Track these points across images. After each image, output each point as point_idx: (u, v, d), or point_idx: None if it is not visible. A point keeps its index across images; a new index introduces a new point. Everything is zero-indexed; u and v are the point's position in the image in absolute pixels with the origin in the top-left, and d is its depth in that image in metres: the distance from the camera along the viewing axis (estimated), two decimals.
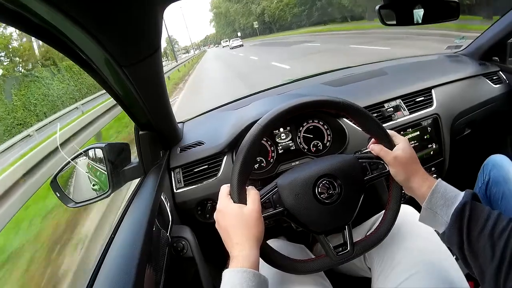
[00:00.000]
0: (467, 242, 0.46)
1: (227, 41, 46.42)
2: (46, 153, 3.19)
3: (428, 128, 1.00)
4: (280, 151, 0.92)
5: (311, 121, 0.92)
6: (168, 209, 0.76)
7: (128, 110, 0.66)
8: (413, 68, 1.25)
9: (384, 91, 1.01)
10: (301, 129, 0.92)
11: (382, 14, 0.78)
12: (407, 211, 0.66)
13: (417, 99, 1.01)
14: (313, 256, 0.59)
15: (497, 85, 1.16)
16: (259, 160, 0.90)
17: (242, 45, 30.77)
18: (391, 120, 0.97)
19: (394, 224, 0.57)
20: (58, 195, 0.66)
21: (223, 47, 47.98)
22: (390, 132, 0.59)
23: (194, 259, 0.73)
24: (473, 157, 1.07)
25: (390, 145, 0.57)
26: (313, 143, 0.93)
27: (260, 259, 0.49)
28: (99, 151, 0.70)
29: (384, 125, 0.61)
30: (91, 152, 0.72)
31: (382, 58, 1.52)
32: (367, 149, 0.61)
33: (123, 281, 0.43)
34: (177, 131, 0.95)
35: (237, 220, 0.49)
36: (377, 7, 0.76)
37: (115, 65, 0.44)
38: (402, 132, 0.97)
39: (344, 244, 0.55)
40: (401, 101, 1.00)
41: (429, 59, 1.36)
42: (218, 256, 0.72)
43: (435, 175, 1.03)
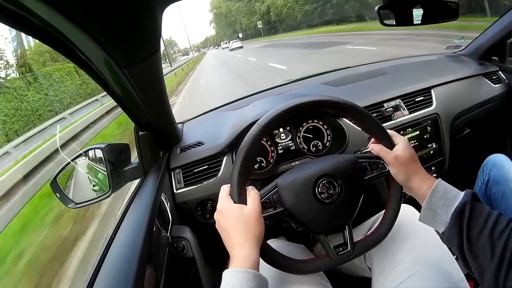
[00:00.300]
0: (467, 242, 0.45)
1: (227, 43, 46.50)
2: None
3: (428, 127, 1.00)
4: (280, 151, 0.92)
5: (311, 121, 0.92)
6: (168, 210, 0.76)
7: (128, 110, 0.66)
8: (413, 68, 1.25)
9: (383, 91, 1.01)
10: (301, 129, 0.92)
11: (381, 15, 0.78)
12: (407, 211, 0.66)
13: (416, 99, 1.01)
14: (313, 256, 0.59)
15: (497, 85, 1.16)
16: (259, 160, 0.90)
17: (242, 47, 30.72)
18: (390, 119, 0.97)
19: (394, 224, 0.57)
20: (58, 195, 0.66)
21: (223, 48, 48.07)
22: (390, 132, 0.59)
23: (194, 259, 0.73)
24: (473, 156, 1.07)
25: (390, 145, 0.57)
26: (313, 143, 0.93)
27: (260, 260, 0.49)
28: (99, 152, 0.70)
29: (383, 124, 0.61)
30: (91, 153, 0.72)
31: None
32: (367, 148, 0.61)
33: (123, 281, 0.43)
34: (177, 131, 0.95)
35: (237, 220, 0.49)
36: (376, 7, 0.77)
37: (115, 65, 0.44)
38: (401, 132, 0.97)
39: (344, 244, 0.55)
40: (400, 101, 1.00)
41: (428, 59, 1.36)
42: (218, 256, 0.72)
43: (435, 174, 1.03)
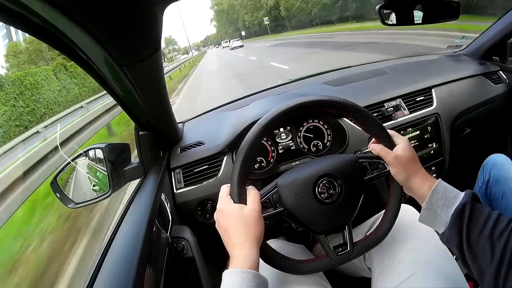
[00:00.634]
0: (466, 242, 0.45)
1: (227, 42, 46.33)
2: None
3: (428, 127, 1.00)
4: (280, 151, 0.92)
5: (311, 120, 0.92)
6: (168, 210, 0.76)
7: (128, 110, 0.66)
8: (413, 68, 1.25)
9: (384, 91, 1.01)
10: (301, 129, 0.92)
11: (382, 14, 0.78)
12: (407, 211, 0.66)
13: (417, 99, 1.01)
14: (313, 257, 0.59)
15: (497, 85, 1.16)
16: (259, 160, 0.90)
17: (242, 46, 30.56)
18: (391, 119, 0.97)
19: (394, 224, 0.57)
20: (58, 195, 0.66)
21: (223, 47, 47.92)
22: (390, 132, 0.59)
23: (194, 259, 0.73)
24: (473, 156, 1.07)
25: (391, 145, 0.57)
26: (313, 142, 0.93)
27: (260, 260, 0.49)
28: (99, 152, 0.70)
29: (384, 124, 0.61)
30: (91, 153, 0.72)
31: None
32: (367, 148, 0.61)
33: (123, 281, 0.43)
34: (177, 131, 0.95)
35: (237, 220, 0.49)
36: (377, 7, 0.77)
37: (115, 65, 0.44)
38: (402, 132, 0.97)
39: (344, 244, 0.55)
40: (401, 100, 1.00)
41: (429, 58, 1.36)
42: (218, 256, 0.72)
43: (435, 174, 1.03)
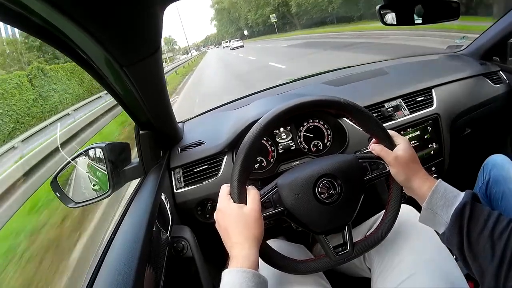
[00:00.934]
0: (467, 242, 0.45)
1: (227, 42, 46.27)
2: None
3: (429, 127, 1.00)
4: (281, 151, 0.92)
5: (311, 120, 0.92)
6: (168, 209, 0.76)
7: (128, 109, 0.66)
8: (414, 68, 1.25)
9: (384, 91, 1.01)
10: (301, 128, 0.92)
11: (382, 14, 0.78)
12: (407, 211, 0.66)
13: (417, 99, 1.01)
14: (312, 257, 0.59)
15: (498, 85, 1.16)
16: (259, 160, 0.90)
17: (243, 46, 30.45)
18: (391, 119, 0.97)
19: (394, 224, 0.57)
20: (58, 195, 0.66)
21: (224, 47, 47.87)
22: (390, 132, 0.59)
23: (194, 259, 0.73)
24: (473, 156, 1.07)
25: (391, 145, 0.57)
26: (313, 142, 0.93)
27: (260, 260, 0.49)
28: (99, 151, 0.70)
29: (384, 124, 0.61)
30: (91, 152, 0.72)
31: None
32: (367, 149, 0.61)
33: (123, 281, 0.43)
34: (178, 130, 0.95)
35: (237, 220, 0.49)
36: (377, 7, 0.76)
37: (116, 64, 0.44)
38: (402, 132, 0.97)
39: (344, 244, 0.55)
40: (401, 100, 1.00)
41: (429, 59, 1.36)
42: (218, 256, 0.71)
43: (435, 174, 1.03)
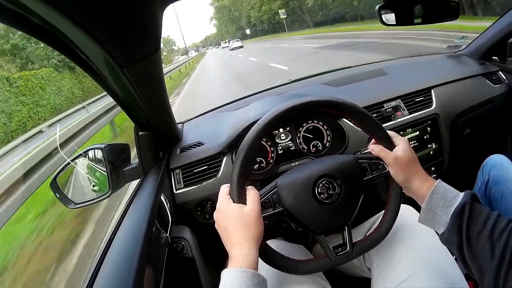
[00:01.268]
0: (466, 243, 0.45)
1: (227, 42, 46.16)
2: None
3: (428, 128, 1.00)
4: (280, 152, 0.92)
5: (310, 121, 0.92)
6: (168, 210, 0.76)
7: (127, 110, 0.66)
8: (413, 68, 1.25)
9: (383, 91, 1.01)
10: (300, 129, 0.92)
11: (381, 14, 0.78)
12: (406, 211, 0.66)
13: (416, 99, 1.01)
14: (312, 257, 0.59)
15: (497, 85, 1.16)
16: (259, 160, 0.90)
17: (242, 46, 30.18)
18: (390, 120, 0.97)
19: (394, 225, 0.57)
20: (58, 196, 0.66)
21: (223, 48, 47.83)
22: (390, 132, 0.59)
23: (193, 259, 0.73)
24: (472, 157, 1.07)
25: (390, 145, 0.57)
26: (312, 143, 0.93)
27: (260, 260, 0.49)
28: (99, 152, 0.70)
29: (383, 125, 0.61)
30: (90, 153, 0.72)
31: None
32: (367, 149, 0.61)
33: (123, 281, 0.43)
34: (177, 131, 0.95)
35: (236, 220, 0.49)
36: (377, 7, 0.77)
37: (115, 65, 0.44)
38: (401, 132, 0.97)
39: (344, 245, 0.55)
40: (400, 101, 1.00)
41: (428, 59, 1.36)
42: (218, 256, 0.71)
43: (434, 175, 1.03)
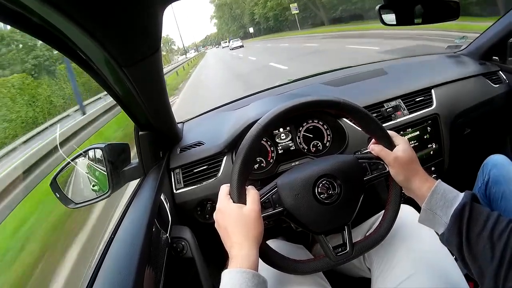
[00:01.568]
0: (466, 243, 0.45)
1: (227, 42, 46.05)
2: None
3: (428, 128, 1.00)
4: (280, 151, 0.92)
5: (310, 121, 0.92)
6: (168, 210, 0.76)
7: (128, 110, 0.66)
8: (413, 68, 1.24)
9: (383, 91, 1.01)
10: (300, 129, 0.92)
11: (382, 14, 0.78)
12: (406, 211, 0.66)
13: (417, 99, 1.01)
14: (312, 257, 0.59)
15: (497, 85, 1.16)
16: (259, 160, 0.90)
17: (242, 46, 29.96)
18: (390, 120, 0.97)
19: (394, 225, 0.57)
20: (58, 195, 0.66)
21: (223, 47, 47.72)
22: (390, 132, 0.59)
23: (193, 259, 0.73)
24: (473, 156, 1.07)
25: (391, 145, 0.57)
26: (312, 143, 0.92)
27: (260, 260, 0.49)
28: (99, 152, 0.70)
29: (383, 125, 0.61)
30: (91, 153, 0.72)
31: None
32: (367, 149, 0.61)
33: (123, 281, 0.43)
34: (177, 131, 0.94)
35: (236, 220, 0.49)
36: (377, 7, 0.77)
37: (115, 65, 0.44)
38: (401, 132, 0.97)
39: (344, 245, 0.55)
40: (400, 101, 1.00)
41: (429, 59, 1.36)
42: (218, 256, 0.71)
43: (434, 175, 1.03)
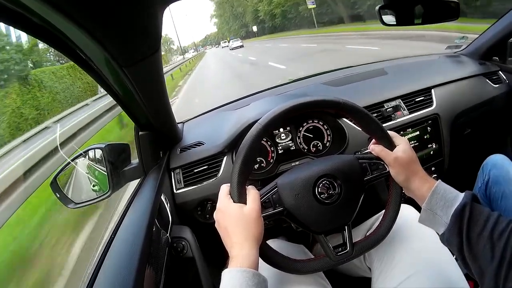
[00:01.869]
0: (466, 243, 0.46)
1: (226, 41, 45.99)
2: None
3: (428, 128, 1.00)
4: (280, 151, 0.92)
5: (311, 121, 0.92)
6: (168, 210, 0.76)
7: (128, 110, 0.66)
8: (413, 68, 1.24)
9: (384, 91, 1.01)
10: (301, 129, 0.92)
11: (382, 14, 0.78)
12: (407, 211, 0.66)
13: (417, 99, 1.01)
14: (312, 257, 0.59)
15: (497, 85, 1.16)
16: (259, 160, 0.90)
17: (242, 46, 29.86)
18: (391, 120, 0.97)
19: (394, 225, 0.57)
20: (58, 195, 0.66)
21: (223, 47, 47.71)
22: (390, 133, 0.59)
23: (194, 259, 0.73)
24: (473, 156, 1.07)
25: (391, 146, 0.57)
26: (313, 143, 0.93)
27: (260, 259, 0.49)
28: (99, 152, 0.70)
29: (384, 125, 0.61)
30: (91, 153, 0.72)
31: None
32: (367, 149, 0.61)
33: (123, 281, 0.43)
34: (177, 131, 0.95)
35: (236, 220, 0.49)
36: (377, 7, 0.77)
37: (115, 65, 0.44)
38: (402, 132, 0.97)
39: (344, 245, 0.55)
40: (401, 101, 1.00)
41: (429, 59, 1.36)
42: (218, 256, 0.72)
43: (435, 175, 1.03)
